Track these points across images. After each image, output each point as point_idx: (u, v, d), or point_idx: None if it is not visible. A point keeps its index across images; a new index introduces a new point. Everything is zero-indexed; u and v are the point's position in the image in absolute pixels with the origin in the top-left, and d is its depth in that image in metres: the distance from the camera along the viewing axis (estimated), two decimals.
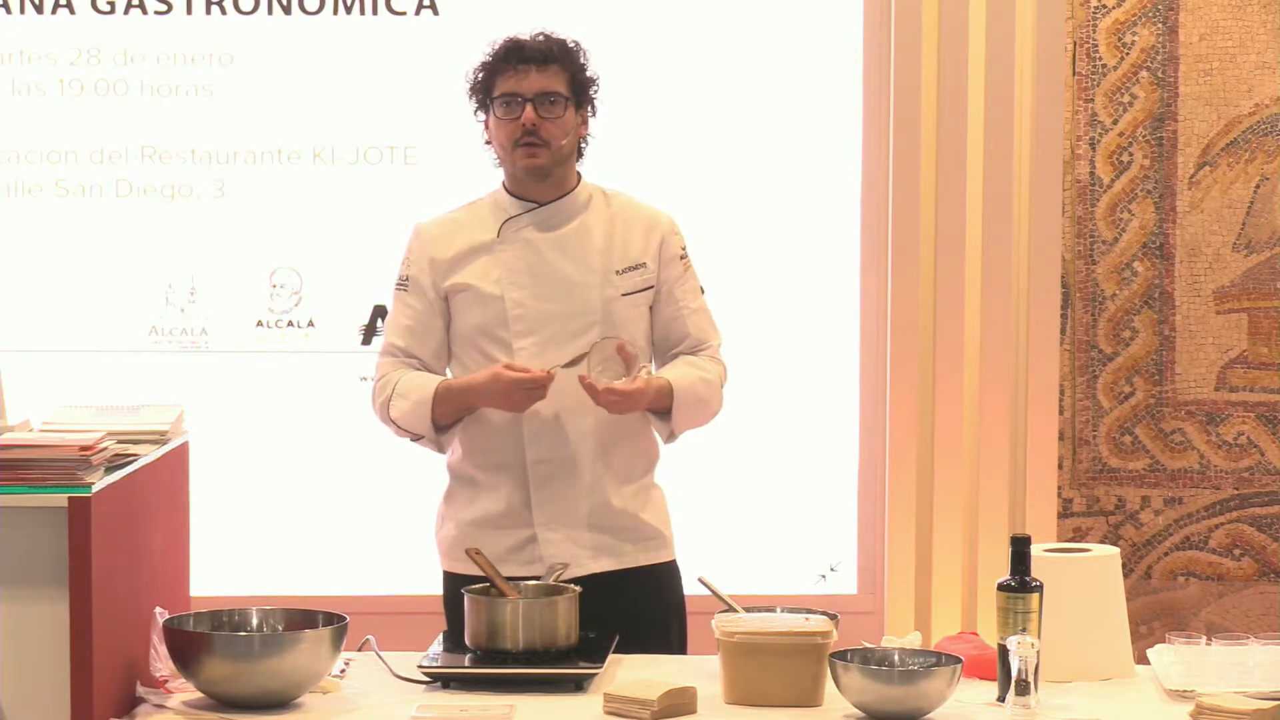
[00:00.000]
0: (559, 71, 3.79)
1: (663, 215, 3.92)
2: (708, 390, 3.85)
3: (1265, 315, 5.29)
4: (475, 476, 3.84)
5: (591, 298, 3.80)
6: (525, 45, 3.81)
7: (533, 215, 3.83)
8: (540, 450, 3.78)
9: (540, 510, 3.79)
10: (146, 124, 5.11)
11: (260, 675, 3.20)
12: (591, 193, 3.88)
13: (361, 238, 5.13)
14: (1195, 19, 5.24)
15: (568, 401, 3.75)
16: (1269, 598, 5.29)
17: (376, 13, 5.11)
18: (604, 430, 3.79)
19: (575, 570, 3.72)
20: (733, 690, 3.27)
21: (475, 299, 3.81)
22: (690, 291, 3.90)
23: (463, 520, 3.84)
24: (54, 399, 3.88)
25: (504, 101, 3.78)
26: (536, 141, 3.76)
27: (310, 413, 5.15)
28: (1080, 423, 5.33)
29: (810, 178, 5.17)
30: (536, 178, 3.80)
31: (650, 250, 3.86)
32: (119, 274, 5.11)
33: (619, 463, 3.83)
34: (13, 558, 3.07)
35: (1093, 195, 5.29)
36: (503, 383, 3.68)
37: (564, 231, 3.83)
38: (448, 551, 3.87)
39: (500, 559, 3.70)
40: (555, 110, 3.77)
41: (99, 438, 3.22)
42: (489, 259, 3.83)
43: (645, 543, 3.86)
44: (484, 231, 3.85)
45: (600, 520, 3.81)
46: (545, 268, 3.81)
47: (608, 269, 3.82)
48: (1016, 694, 3.17)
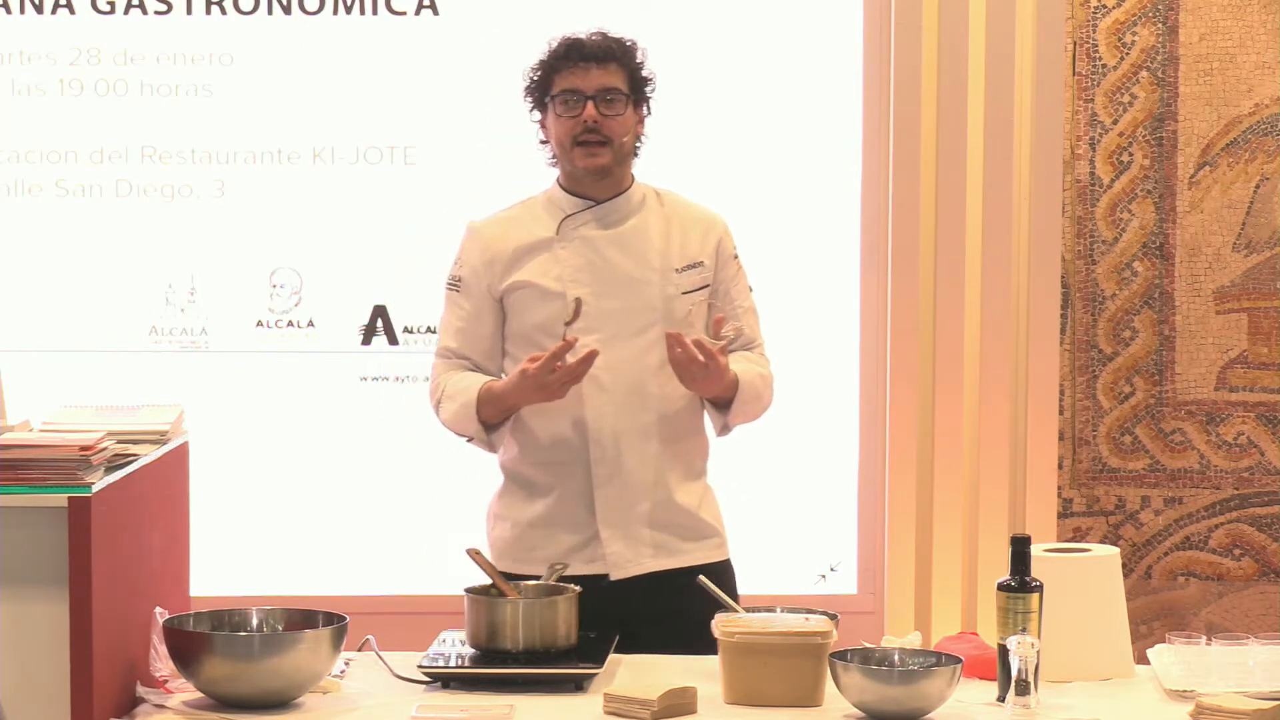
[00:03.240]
0: (618, 69, 3.81)
1: (716, 215, 3.95)
2: (763, 386, 3.88)
3: (1265, 315, 5.29)
4: (533, 476, 3.84)
5: (652, 295, 3.81)
6: (585, 43, 3.82)
7: (592, 212, 3.84)
8: (602, 448, 3.78)
9: (603, 509, 3.79)
10: (146, 124, 5.11)
11: (260, 675, 3.20)
12: (645, 192, 3.89)
13: (361, 238, 5.13)
14: (1195, 19, 5.24)
15: (629, 400, 3.77)
16: (1269, 598, 5.29)
17: (376, 13, 5.11)
18: (665, 428, 3.81)
19: (634, 569, 3.75)
20: (733, 690, 3.27)
21: (535, 296, 3.81)
22: (742, 291, 3.93)
23: (520, 520, 3.84)
24: (54, 399, 3.89)
25: (564, 99, 3.79)
26: (597, 139, 3.77)
27: (310, 413, 5.15)
28: (1080, 423, 5.33)
29: (810, 178, 5.17)
30: (597, 176, 3.81)
31: (707, 249, 3.88)
32: (119, 274, 5.11)
33: (679, 460, 3.84)
34: (13, 558, 3.07)
35: (1093, 195, 5.29)
36: (530, 376, 3.68)
37: (623, 229, 3.84)
38: (504, 552, 3.86)
39: (561, 558, 3.72)
40: (616, 107, 3.79)
41: (99, 438, 3.22)
42: (548, 256, 3.82)
43: (703, 540, 3.87)
44: (541, 229, 3.85)
45: (661, 518, 3.82)
46: (606, 265, 3.81)
47: (666, 267, 3.83)
48: (1016, 694, 3.17)
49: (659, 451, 3.81)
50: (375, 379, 5.15)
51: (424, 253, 5.11)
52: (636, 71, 3.84)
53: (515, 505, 3.86)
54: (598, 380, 3.75)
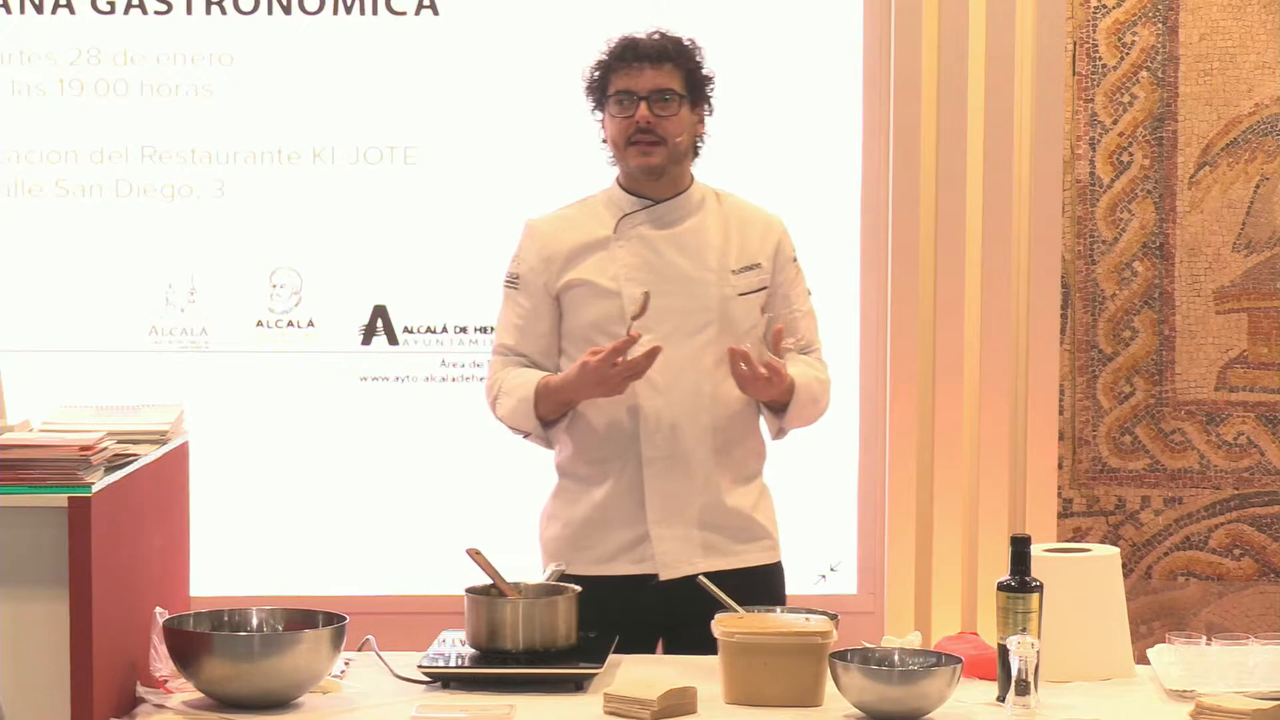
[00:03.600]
0: (674, 69, 3.81)
1: (775, 217, 3.95)
2: (821, 390, 3.88)
3: (1265, 315, 5.29)
4: (586, 475, 3.84)
5: (709, 295, 3.81)
6: (640, 43, 3.83)
7: (649, 212, 3.84)
8: (655, 448, 3.78)
9: (654, 509, 3.79)
10: (146, 124, 5.11)
11: (260, 675, 3.20)
12: (704, 193, 3.90)
13: (361, 238, 5.13)
14: (1195, 19, 5.24)
15: (684, 401, 3.77)
16: (1269, 598, 5.29)
17: (376, 13, 5.11)
18: (719, 429, 3.80)
19: (684, 569, 3.73)
20: (733, 690, 3.27)
21: (591, 294, 3.81)
22: (801, 294, 3.93)
23: (573, 519, 3.85)
24: (54, 399, 3.89)
25: (618, 99, 3.80)
26: (651, 139, 3.77)
27: (310, 413, 5.15)
28: (1080, 423, 5.33)
29: (810, 178, 5.17)
30: (651, 176, 3.82)
31: (766, 251, 3.88)
32: (119, 274, 5.11)
33: (733, 462, 3.84)
34: (13, 558, 3.07)
35: (1093, 195, 5.29)
36: (590, 369, 3.68)
37: (680, 229, 3.84)
38: (555, 551, 3.86)
39: (611, 557, 3.75)
40: (669, 107, 3.79)
41: (99, 438, 3.22)
42: (605, 255, 3.83)
43: (755, 543, 3.86)
44: (599, 227, 3.85)
45: (712, 519, 3.81)
46: (663, 264, 3.81)
47: (724, 268, 3.83)
48: (1016, 694, 3.17)
49: (711, 452, 3.80)
50: (375, 379, 5.15)
51: (424, 253, 5.11)
52: (694, 71, 3.84)
53: (568, 504, 3.86)
54: (652, 380, 3.75)
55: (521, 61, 5.10)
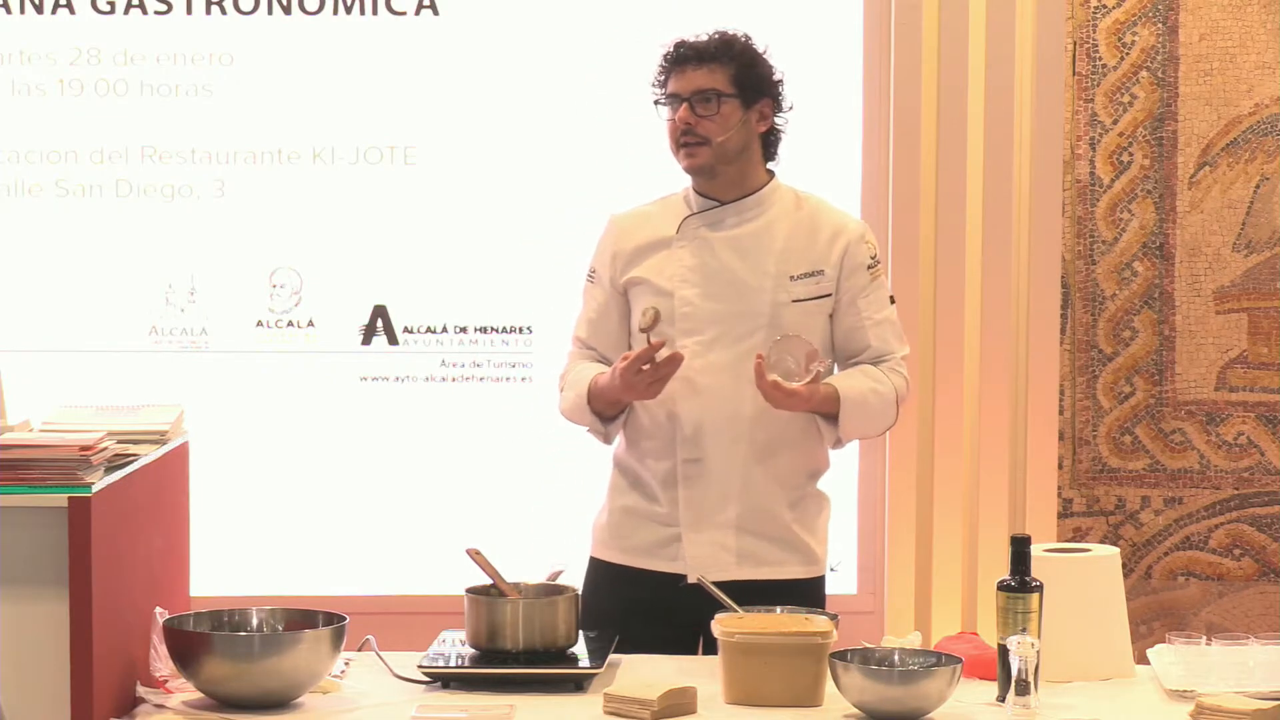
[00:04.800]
0: (719, 68, 3.80)
1: (852, 222, 3.91)
2: (879, 401, 3.80)
3: (1265, 315, 5.29)
4: (632, 469, 3.86)
5: (761, 300, 3.79)
6: (686, 44, 3.84)
7: (711, 214, 3.83)
8: (690, 450, 3.78)
9: (686, 510, 3.79)
10: (146, 124, 5.11)
11: (260, 675, 3.20)
12: (783, 194, 3.87)
13: (361, 238, 5.13)
14: (1195, 19, 5.24)
15: (722, 405, 3.76)
16: (1269, 598, 5.29)
17: (376, 13, 5.11)
18: (762, 434, 3.78)
19: (719, 574, 3.70)
20: (733, 690, 3.27)
21: (649, 293, 3.82)
22: (875, 302, 3.85)
23: (616, 508, 3.88)
24: (54, 399, 3.88)
25: (668, 102, 3.82)
26: (695, 140, 3.77)
27: (310, 413, 5.15)
28: (1080, 423, 5.33)
29: (810, 177, 5.15)
30: (702, 176, 3.82)
31: (831, 258, 3.83)
32: (119, 274, 5.11)
33: (777, 469, 3.81)
34: (13, 558, 3.07)
35: (1093, 195, 5.29)
36: (620, 374, 3.69)
37: (741, 231, 3.83)
38: (599, 538, 3.90)
39: (644, 552, 3.78)
40: (710, 108, 3.77)
41: (99, 438, 3.22)
42: (666, 254, 3.83)
43: (793, 554, 3.83)
44: (668, 227, 3.86)
45: (749, 526, 3.79)
46: (718, 266, 3.80)
47: (782, 273, 3.80)
48: (1016, 694, 3.17)
49: (750, 457, 3.78)
50: (375, 379, 5.15)
51: (424, 253, 5.11)
52: (746, 69, 3.81)
53: (615, 493, 3.90)
54: (694, 382, 3.75)
55: (521, 61, 5.10)
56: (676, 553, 3.79)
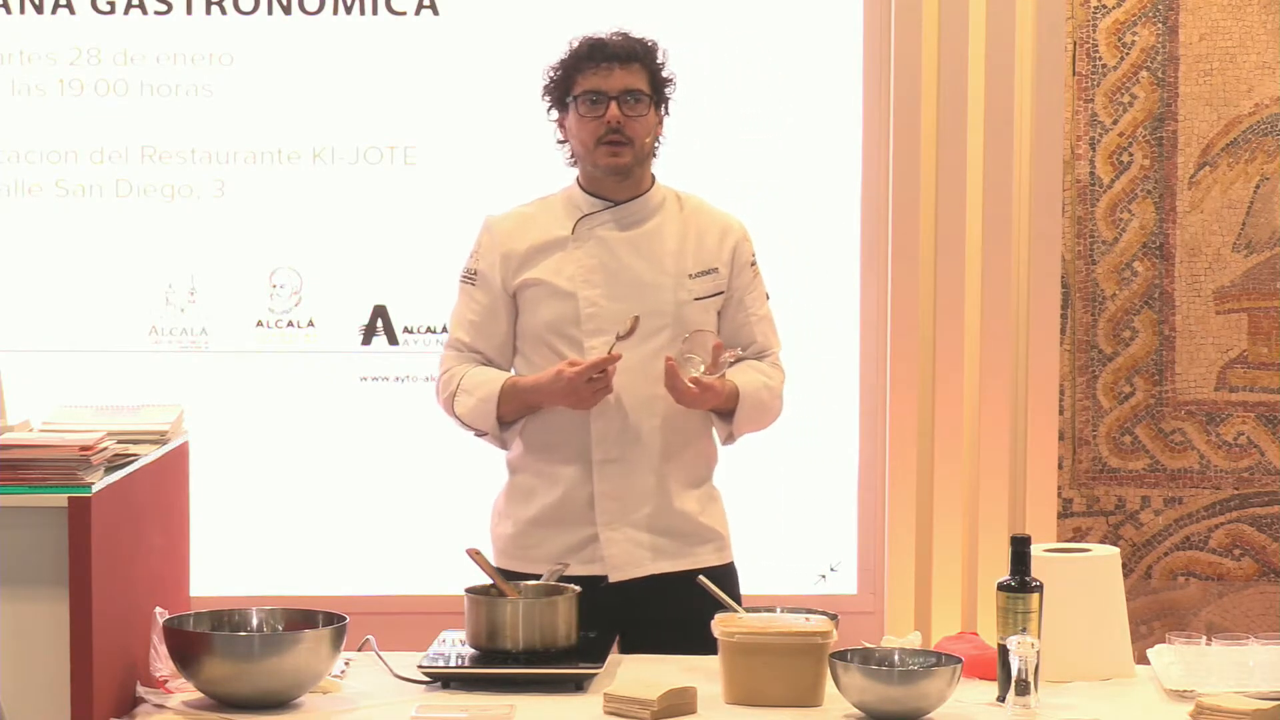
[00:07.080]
0: (641, 70, 3.80)
1: (735, 221, 3.93)
2: (770, 396, 3.87)
3: (1265, 315, 5.29)
4: (536, 474, 3.84)
5: (665, 299, 3.80)
6: (608, 43, 3.82)
7: (609, 214, 3.83)
8: (606, 450, 3.78)
9: (603, 510, 3.79)
10: (146, 124, 5.11)
11: (260, 675, 3.20)
12: (665, 195, 3.89)
13: (361, 238, 5.13)
14: (1195, 19, 5.24)
15: (636, 404, 3.77)
16: (1269, 598, 5.29)
17: (376, 13, 5.11)
18: (669, 432, 3.80)
19: (635, 571, 3.74)
20: (733, 690, 3.27)
21: (547, 295, 3.81)
22: (758, 299, 3.92)
23: (521, 518, 3.84)
24: (54, 399, 3.89)
25: (588, 99, 3.78)
26: (620, 139, 3.76)
27: (310, 413, 5.15)
28: (1080, 423, 5.33)
29: (810, 178, 5.17)
30: (619, 176, 3.81)
31: (723, 256, 3.87)
32: (119, 274, 5.11)
33: (682, 466, 3.83)
34: (13, 558, 3.07)
35: (1093, 195, 5.29)
36: (565, 379, 3.68)
37: (638, 232, 3.83)
38: (504, 550, 3.87)
39: (560, 557, 3.73)
40: (639, 108, 3.78)
41: (99, 438, 3.22)
42: (563, 255, 3.82)
43: (705, 545, 3.86)
44: (558, 227, 3.84)
45: (662, 522, 3.81)
46: (619, 267, 3.81)
47: (681, 272, 3.82)
48: (1016, 694, 3.17)
49: (662, 456, 3.80)
50: (375, 379, 5.15)
51: (424, 253, 5.11)
52: (658, 72, 3.84)
53: (517, 503, 3.86)
54: None
55: (521, 61, 5.09)
56: (593, 554, 3.79)
